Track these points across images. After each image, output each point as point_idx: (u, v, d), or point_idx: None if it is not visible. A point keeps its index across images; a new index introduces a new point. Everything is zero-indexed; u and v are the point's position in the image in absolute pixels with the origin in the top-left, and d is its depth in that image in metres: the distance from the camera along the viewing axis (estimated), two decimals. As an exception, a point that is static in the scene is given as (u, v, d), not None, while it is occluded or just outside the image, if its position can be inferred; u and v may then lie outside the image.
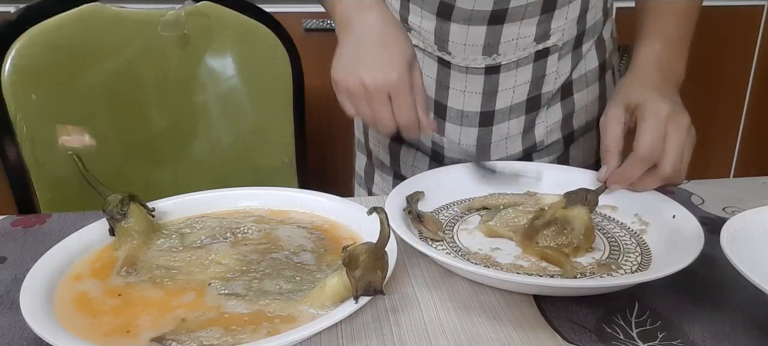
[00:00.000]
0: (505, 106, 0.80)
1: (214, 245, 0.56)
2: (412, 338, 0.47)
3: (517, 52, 0.76)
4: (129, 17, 0.97)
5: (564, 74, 0.81)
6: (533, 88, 0.79)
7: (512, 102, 0.80)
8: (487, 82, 0.78)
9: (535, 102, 0.81)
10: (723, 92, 1.79)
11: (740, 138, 1.87)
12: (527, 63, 0.78)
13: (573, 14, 0.78)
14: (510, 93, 0.79)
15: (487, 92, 0.79)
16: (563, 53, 0.79)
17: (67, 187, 0.94)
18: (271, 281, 0.51)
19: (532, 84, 0.79)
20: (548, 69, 0.79)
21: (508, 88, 0.78)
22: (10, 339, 0.47)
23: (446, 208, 0.66)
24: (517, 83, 0.78)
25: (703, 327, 0.48)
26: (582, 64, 0.82)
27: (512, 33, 0.75)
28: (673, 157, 0.61)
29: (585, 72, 0.83)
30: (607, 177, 0.65)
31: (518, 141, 0.82)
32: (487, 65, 0.77)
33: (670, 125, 0.62)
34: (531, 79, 0.79)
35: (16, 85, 0.90)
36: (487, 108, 0.80)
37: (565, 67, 0.80)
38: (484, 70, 0.77)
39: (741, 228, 0.53)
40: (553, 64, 0.79)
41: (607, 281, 0.51)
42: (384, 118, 0.63)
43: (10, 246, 0.61)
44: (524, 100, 0.80)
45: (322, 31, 1.54)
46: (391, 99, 0.62)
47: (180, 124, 1.03)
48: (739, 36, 1.74)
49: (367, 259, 0.46)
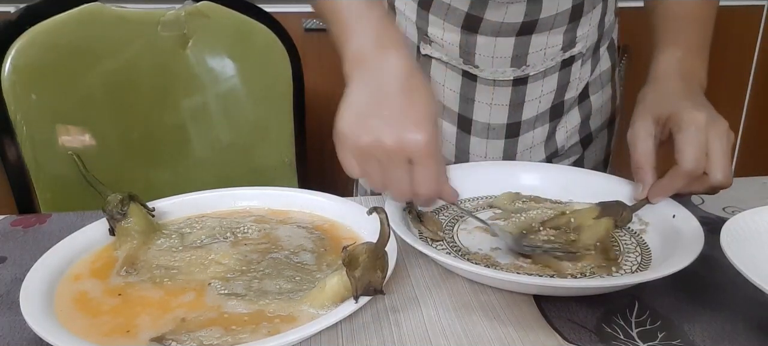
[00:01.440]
0: (531, 116, 0.79)
1: (214, 245, 0.56)
2: (412, 338, 0.47)
3: (545, 62, 0.76)
4: (129, 17, 0.97)
5: (585, 79, 0.81)
6: (557, 95, 0.79)
7: (538, 112, 0.79)
8: (514, 93, 0.77)
9: (558, 109, 0.80)
10: (723, 92, 1.79)
11: (740, 138, 1.87)
12: (554, 72, 0.77)
13: (595, 19, 0.77)
14: (536, 103, 0.78)
15: (514, 103, 0.77)
16: (585, 58, 0.79)
17: (67, 187, 0.94)
18: (271, 281, 0.51)
19: (557, 92, 0.79)
20: (572, 76, 0.79)
21: (534, 98, 0.78)
22: (10, 339, 0.47)
23: (446, 208, 0.66)
24: (543, 93, 0.78)
25: (703, 327, 0.48)
26: (597, 67, 0.82)
27: (541, 43, 0.74)
28: (722, 166, 0.59)
29: (600, 73, 0.83)
30: (645, 194, 0.62)
31: (541, 149, 0.82)
32: (516, 77, 0.76)
33: (711, 133, 0.59)
34: (556, 87, 0.78)
35: (16, 85, 0.90)
36: (513, 119, 0.78)
37: (586, 72, 0.80)
38: (512, 82, 0.76)
39: (741, 228, 0.53)
40: (576, 70, 0.79)
41: (607, 281, 0.51)
42: (400, 186, 0.53)
43: (10, 246, 0.61)
44: (548, 109, 0.80)
45: (322, 31, 1.54)
46: (413, 164, 0.52)
47: (180, 124, 1.03)
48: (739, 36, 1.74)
49: (367, 259, 0.46)
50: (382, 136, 0.51)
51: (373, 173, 0.53)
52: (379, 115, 0.51)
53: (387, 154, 0.51)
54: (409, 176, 0.53)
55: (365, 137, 0.51)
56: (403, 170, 0.52)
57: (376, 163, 0.53)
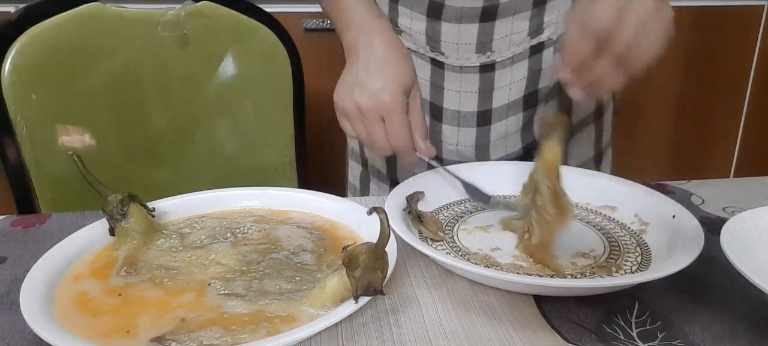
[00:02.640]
0: (502, 104, 0.79)
1: (214, 245, 0.56)
2: (412, 338, 0.47)
3: (511, 49, 0.76)
4: (129, 17, 0.97)
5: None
6: (530, 84, 0.79)
7: (509, 99, 0.79)
8: (483, 80, 0.77)
9: (532, 98, 0.80)
10: (723, 92, 1.79)
11: (740, 138, 1.87)
12: (522, 59, 0.77)
13: (566, 5, 0.76)
14: (506, 90, 0.78)
15: (483, 91, 0.78)
16: (558, 47, 0.78)
17: (67, 187, 0.94)
18: (271, 281, 0.51)
19: (528, 80, 0.78)
20: (544, 64, 0.78)
21: (504, 85, 0.78)
22: (10, 339, 0.47)
23: (446, 208, 0.66)
24: (513, 80, 0.78)
25: (703, 327, 0.48)
26: None
27: (505, 29, 0.74)
28: (627, 31, 0.50)
29: None
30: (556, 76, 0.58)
31: (517, 139, 0.82)
32: (482, 63, 0.76)
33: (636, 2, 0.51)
34: (527, 75, 0.78)
35: (16, 85, 0.90)
36: (483, 107, 0.79)
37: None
38: (478, 69, 0.77)
39: (741, 228, 0.53)
40: (548, 58, 0.78)
41: (607, 281, 0.51)
42: (378, 139, 0.64)
43: (10, 246, 0.61)
44: (521, 97, 0.79)
45: (322, 31, 1.54)
46: (385, 121, 0.63)
47: (180, 124, 1.03)
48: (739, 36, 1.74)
49: (367, 259, 0.46)
50: (359, 99, 0.63)
51: (360, 130, 0.65)
52: (360, 84, 0.63)
53: (364, 114, 0.63)
54: (384, 131, 0.63)
55: (348, 101, 0.64)
56: (379, 126, 0.63)
57: (361, 123, 0.64)
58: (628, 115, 1.74)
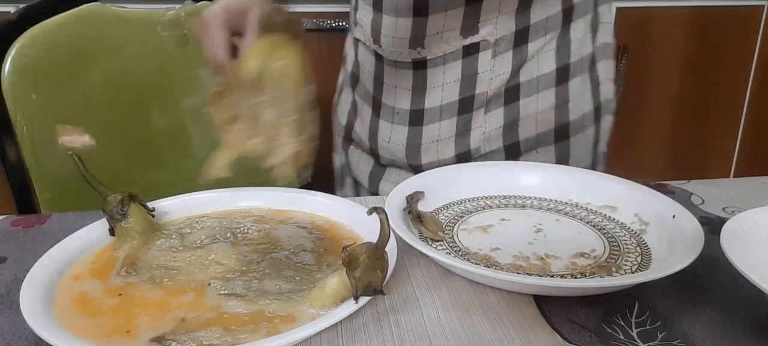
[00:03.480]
0: (434, 105, 0.77)
1: (214, 245, 0.56)
2: (412, 338, 0.47)
3: (442, 46, 0.73)
4: (129, 17, 0.97)
5: (502, 75, 0.75)
6: (464, 87, 0.75)
7: (442, 101, 0.76)
8: (416, 77, 0.76)
9: (467, 103, 0.76)
10: (723, 92, 1.79)
11: (740, 138, 1.87)
12: (455, 59, 0.74)
13: (509, 7, 0.72)
14: (438, 91, 0.76)
15: (416, 89, 0.76)
16: (499, 51, 0.74)
17: (67, 187, 0.94)
18: (271, 281, 0.51)
19: (462, 83, 0.75)
20: (480, 67, 0.74)
21: (436, 85, 0.76)
22: (10, 339, 0.47)
23: (446, 208, 0.66)
24: (445, 81, 0.75)
25: (703, 327, 0.48)
26: (531, 66, 0.76)
27: (437, 25, 0.72)
28: None
29: (536, 76, 0.76)
30: None
31: (451, 145, 0.78)
32: (414, 59, 0.75)
33: None
34: (461, 77, 0.75)
35: (16, 85, 0.90)
36: (416, 106, 0.77)
37: (502, 67, 0.75)
38: (412, 65, 0.75)
39: (741, 228, 0.53)
40: (485, 62, 0.74)
41: (607, 281, 0.51)
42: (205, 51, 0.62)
43: (10, 246, 0.61)
44: (456, 101, 0.76)
45: (322, 31, 1.54)
46: None
47: (180, 124, 1.03)
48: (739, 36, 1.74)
49: (367, 259, 0.46)
50: None
51: None
52: None
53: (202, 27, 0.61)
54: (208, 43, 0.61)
55: None
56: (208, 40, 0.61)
57: None
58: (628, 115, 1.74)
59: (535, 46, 0.75)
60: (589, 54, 0.79)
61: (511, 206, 0.67)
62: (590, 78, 0.80)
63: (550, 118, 0.78)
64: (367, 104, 0.83)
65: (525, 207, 0.67)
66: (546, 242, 0.59)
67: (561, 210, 0.66)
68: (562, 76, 0.77)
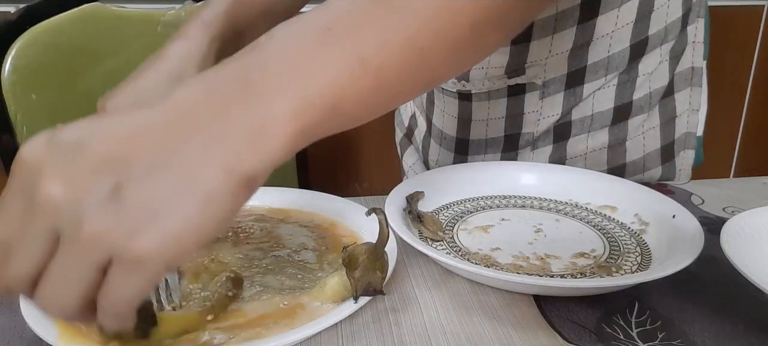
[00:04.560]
0: (479, 137, 0.76)
1: (216, 244, 0.56)
2: (412, 338, 0.47)
3: (485, 83, 0.71)
4: (129, 17, 0.97)
5: (551, 116, 0.71)
6: (509, 125, 0.73)
7: (487, 135, 0.75)
8: (461, 107, 0.75)
9: (513, 140, 0.74)
10: (723, 92, 1.79)
11: (740, 138, 1.87)
12: (500, 97, 0.71)
13: (562, 47, 0.66)
14: (483, 125, 0.74)
15: (462, 119, 0.75)
16: (548, 93, 0.69)
17: (67, 187, 0.94)
18: (274, 277, 0.51)
19: (507, 121, 0.72)
20: (527, 108, 0.71)
21: (480, 119, 0.74)
22: (10, 339, 0.47)
23: (446, 208, 0.66)
24: (489, 116, 0.73)
25: (703, 327, 0.48)
26: (585, 106, 0.70)
27: (482, 61, 0.69)
28: None
29: (591, 114, 0.70)
30: None
31: None
32: (458, 90, 0.74)
33: None
34: (505, 115, 0.72)
35: (16, 85, 0.90)
36: (461, 135, 0.77)
37: (551, 109, 0.70)
38: (457, 96, 0.74)
39: (741, 228, 0.53)
40: (532, 103, 0.70)
41: (607, 281, 0.51)
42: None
43: (10, 246, 0.60)
44: (501, 137, 0.74)
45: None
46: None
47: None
48: (739, 36, 1.74)
49: (367, 259, 0.46)
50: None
51: None
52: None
53: None
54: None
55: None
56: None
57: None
58: (628, 115, 1.74)
59: (592, 87, 0.69)
60: (663, 86, 0.71)
61: (511, 206, 0.67)
62: (660, 113, 0.72)
63: (601, 159, 0.73)
64: (423, 118, 0.83)
65: (525, 207, 0.67)
66: (546, 242, 0.59)
67: (561, 210, 0.66)
68: (620, 115, 0.70)
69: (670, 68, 0.71)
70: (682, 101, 0.73)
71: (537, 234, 0.61)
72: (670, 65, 0.71)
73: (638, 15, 0.65)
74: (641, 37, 0.67)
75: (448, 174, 0.70)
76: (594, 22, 0.65)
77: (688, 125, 0.74)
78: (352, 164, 1.66)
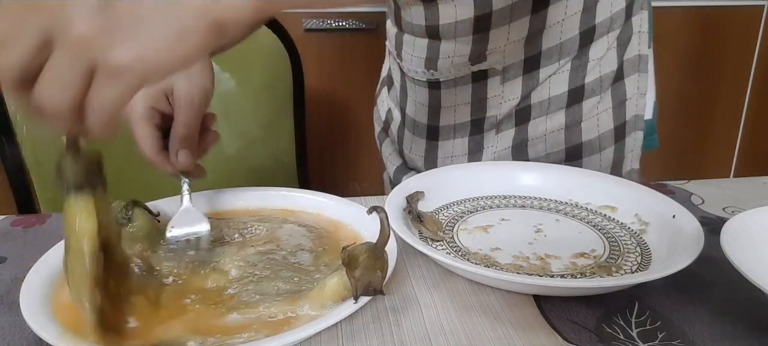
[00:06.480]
0: (448, 123, 0.79)
1: (217, 248, 0.56)
2: (412, 338, 0.47)
3: (452, 71, 0.75)
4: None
5: (512, 99, 0.75)
6: (475, 110, 0.77)
7: (455, 121, 0.78)
8: (431, 95, 0.78)
9: (478, 125, 0.78)
10: (723, 92, 1.79)
11: (740, 138, 1.87)
12: (465, 83, 0.76)
13: (518, 35, 0.71)
14: (451, 111, 0.78)
15: (432, 106, 0.79)
16: (508, 77, 0.74)
17: (67, 187, 0.94)
18: (269, 283, 0.50)
19: (472, 106, 0.77)
20: (489, 92, 0.75)
21: (449, 106, 0.78)
22: (10, 339, 0.47)
23: (446, 208, 0.66)
24: (457, 102, 0.77)
25: (703, 327, 0.48)
26: (543, 89, 0.75)
27: (448, 50, 0.74)
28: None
29: (548, 97, 0.75)
30: None
31: (464, 162, 0.80)
32: (428, 79, 0.77)
33: None
34: (471, 100, 0.76)
35: (16, 85, 0.90)
36: (432, 122, 0.80)
37: (512, 92, 0.75)
38: (427, 84, 0.78)
39: (741, 228, 0.53)
40: (495, 87, 0.74)
41: (607, 281, 0.51)
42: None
43: (10, 246, 0.61)
44: (468, 122, 0.78)
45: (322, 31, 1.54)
46: None
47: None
48: (739, 36, 1.74)
49: (367, 259, 0.46)
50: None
51: None
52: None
53: None
54: None
55: None
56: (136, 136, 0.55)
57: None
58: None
59: (548, 71, 0.74)
60: (612, 71, 0.76)
61: (511, 206, 0.67)
62: (612, 96, 0.77)
63: (559, 140, 0.77)
64: (398, 110, 0.87)
65: (525, 207, 0.67)
66: (546, 242, 0.59)
67: (561, 210, 0.66)
68: (574, 98, 0.75)
69: (618, 55, 0.76)
70: (631, 86, 0.78)
71: (537, 234, 0.61)
72: (618, 52, 0.76)
73: (585, 5, 0.71)
74: (589, 26, 0.73)
75: (448, 174, 0.70)
76: (545, 12, 0.70)
77: (637, 108, 0.80)
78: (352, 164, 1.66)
